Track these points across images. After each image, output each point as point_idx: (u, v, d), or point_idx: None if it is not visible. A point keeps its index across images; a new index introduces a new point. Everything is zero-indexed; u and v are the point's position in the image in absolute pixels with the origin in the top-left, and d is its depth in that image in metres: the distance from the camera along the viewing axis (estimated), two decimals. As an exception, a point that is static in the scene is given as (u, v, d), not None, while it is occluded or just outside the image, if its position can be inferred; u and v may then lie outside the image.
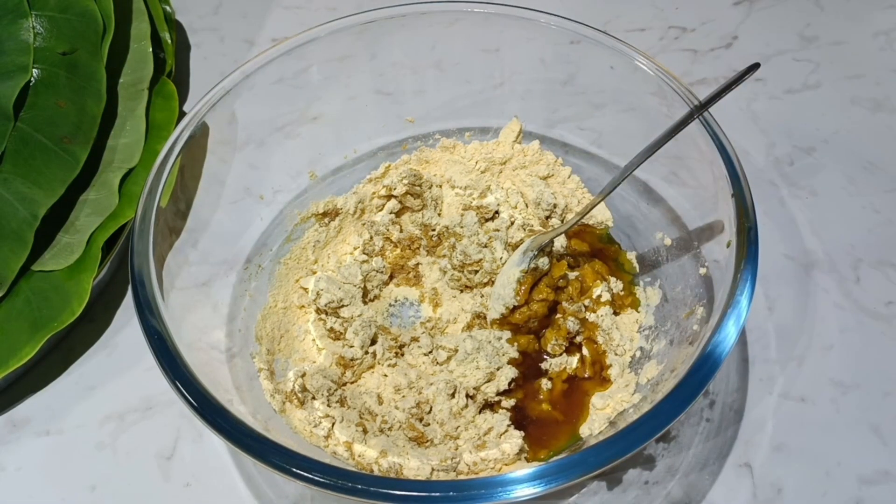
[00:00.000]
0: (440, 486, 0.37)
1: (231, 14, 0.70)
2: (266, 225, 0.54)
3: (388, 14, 0.53)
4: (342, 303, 0.50)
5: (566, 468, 0.36)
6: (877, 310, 0.52)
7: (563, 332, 0.49)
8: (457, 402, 0.47)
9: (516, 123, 0.57)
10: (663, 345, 0.47)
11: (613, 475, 0.46)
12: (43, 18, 0.53)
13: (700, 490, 0.46)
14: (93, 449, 0.49)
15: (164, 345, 0.41)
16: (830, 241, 0.55)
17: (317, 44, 0.53)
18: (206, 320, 0.48)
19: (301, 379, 0.47)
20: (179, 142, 0.48)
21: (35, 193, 0.49)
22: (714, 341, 0.39)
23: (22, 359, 0.48)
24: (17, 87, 0.50)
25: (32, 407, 0.50)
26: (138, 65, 0.57)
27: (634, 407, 0.44)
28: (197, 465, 0.48)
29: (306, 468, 0.37)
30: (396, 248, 0.54)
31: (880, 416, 0.48)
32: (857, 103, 0.63)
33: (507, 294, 0.49)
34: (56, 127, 0.51)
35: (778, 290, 0.53)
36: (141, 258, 0.44)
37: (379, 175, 0.56)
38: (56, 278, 0.50)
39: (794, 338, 0.51)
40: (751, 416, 0.48)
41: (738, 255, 0.42)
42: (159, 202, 0.46)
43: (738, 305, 0.40)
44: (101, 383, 0.51)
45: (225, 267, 0.51)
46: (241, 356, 0.48)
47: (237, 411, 0.40)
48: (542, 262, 0.49)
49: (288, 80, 0.54)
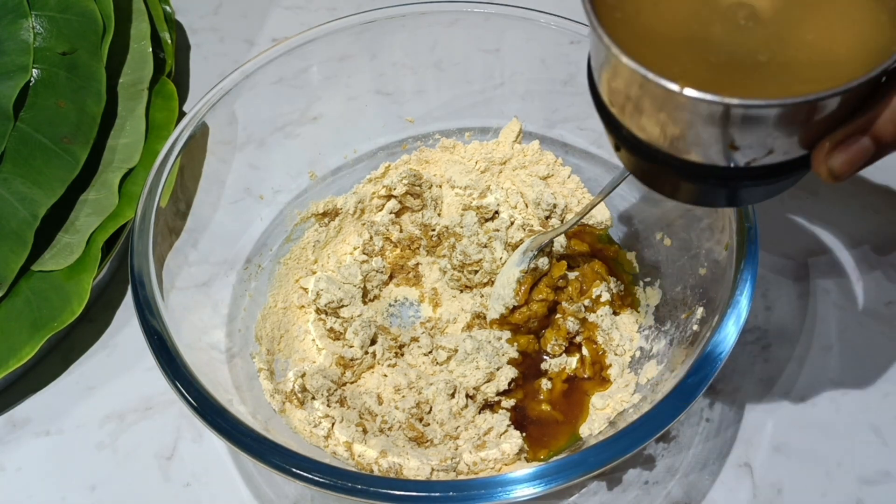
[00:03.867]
0: (440, 486, 0.37)
1: (231, 14, 0.70)
2: (266, 225, 0.54)
3: (388, 14, 0.53)
4: (342, 303, 0.50)
5: (566, 468, 0.36)
6: (877, 310, 0.52)
7: (562, 332, 0.49)
8: (457, 403, 0.47)
9: (516, 123, 0.57)
10: (663, 345, 0.47)
11: (613, 475, 0.46)
12: (43, 18, 0.53)
13: (700, 490, 0.46)
14: (93, 449, 0.49)
15: (163, 345, 0.41)
16: (830, 241, 0.55)
17: (317, 44, 0.53)
18: (205, 320, 0.48)
19: (301, 379, 0.47)
20: (179, 142, 0.48)
21: (35, 193, 0.49)
22: (714, 341, 0.39)
23: (22, 359, 0.48)
24: (17, 87, 0.50)
25: (32, 407, 0.50)
26: (138, 65, 0.57)
27: (634, 407, 0.44)
28: (197, 465, 0.48)
29: (306, 468, 0.37)
30: (396, 248, 0.54)
31: (881, 417, 0.48)
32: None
33: (507, 294, 0.49)
34: (56, 127, 0.51)
35: (778, 290, 0.53)
36: (141, 258, 0.44)
37: (379, 175, 0.56)
38: (56, 278, 0.50)
39: (793, 338, 0.51)
40: (751, 417, 0.48)
41: (738, 255, 0.42)
42: (159, 202, 0.46)
43: (737, 305, 0.40)
44: (101, 383, 0.51)
45: (225, 267, 0.51)
46: (240, 356, 0.48)
47: (237, 411, 0.40)
48: (542, 263, 0.49)
49: (288, 80, 0.54)
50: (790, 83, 0.29)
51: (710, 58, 0.30)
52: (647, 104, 0.30)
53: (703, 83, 0.28)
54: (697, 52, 0.30)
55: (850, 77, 0.28)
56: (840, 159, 0.30)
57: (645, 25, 0.31)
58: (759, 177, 0.31)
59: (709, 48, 0.30)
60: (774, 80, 0.29)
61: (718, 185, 0.32)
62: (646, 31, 0.31)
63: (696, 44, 0.30)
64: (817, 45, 0.30)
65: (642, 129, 0.32)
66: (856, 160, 0.30)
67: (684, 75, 0.29)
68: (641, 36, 0.31)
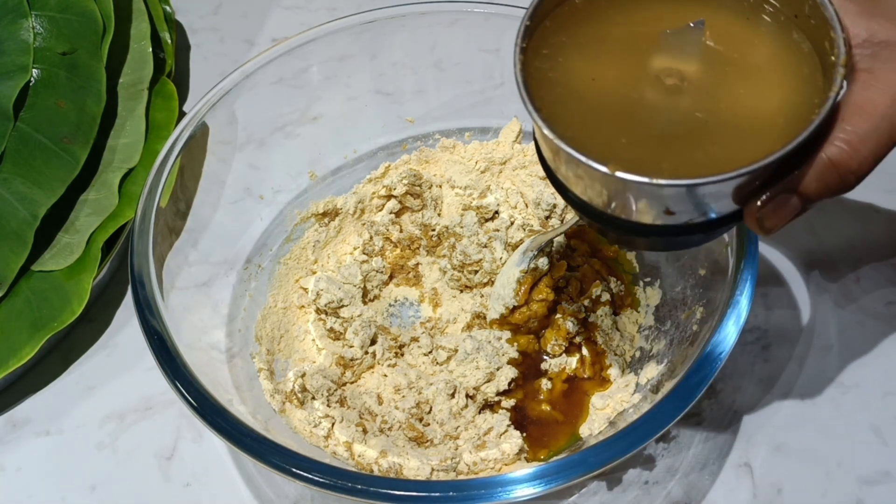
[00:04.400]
0: (440, 486, 0.37)
1: (231, 14, 0.70)
2: (266, 225, 0.54)
3: (389, 14, 0.53)
4: (342, 303, 0.50)
5: (566, 468, 0.36)
6: (877, 309, 0.52)
7: (562, 333, 0.49)
8: (456, 403, 0.47)
9: (516, 123, 0.57)
10: (663, 345, 0.47)
11: (613, 475, 0.46)
12: (43, 18, 0.53)
13: (700, 490, 0.46)
14: (93, 449, 0.49)
15: (163, 345, 0.41)
16: (830, 241, 0.55)
17: (317, 44, 0.53)
18: (205, 320, 0.48)
19: (301, 379, 0.47)
20: (179, 142, 0.48)
21: (35, 193, 0.49)
22: (714, 341, 0.39)
23: (22, 359, 0.48)
24: (18, 87, 0.50)
25: (32, 407, 0.50)
26: (138, 65, 0.57)
27: (634, 407, 0.44)
28: (197, 465, 0.48)
29: (306, 468, 0.37)
30: (396, 248, 0.54)
31: (881, 417, 0.48)
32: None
33: (507, 294, 0.49)
34: (56, 127, 0.51)
35: (778, 290, 0.53)
36: (141, 258, 0.44)
37: (379, 175, 0.56)
38: (56, 278, 0.50)
39: (793, 338, 0.51)
40: (751, 416, 0.48)
41: (738, 255, 0.42)
42: (159, 202, 0.46)
43: (737, 305, 0.40)
44: (101, 383, 0.51)
45: (225, 267, 0.51)
46: (240, 356, 0.48)
47: (237, 411, 0.40)
48: (542, 263, 0.49)
49: (288, 80, 0.54)
50: (722, 151, 0.31)
51: (644, 129, 0.32)
52: (585, 178, 0.32)
53: (637, 159, 0.30)
54: (633, 123, 0.32)
55: (778, 142, 0.29)
56: (770, 217, 0.32)
57: (583, 101, 0.33)
58: (697, 230, 0.33)
59: (643, 118, 0.32)
60: (706, 148, 0.31)
61: (660, 238, 0.34)
62: (583, 107, 0.32)
63: (632, 114, 0.32)
64: (745, 108, 0.32)
65: (585, 194, 0.34)
66: (785, 216, 0.32)
67: (617, 155, 0.31)
68: (579, 112, 0.32)
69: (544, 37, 0.34)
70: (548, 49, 0.33)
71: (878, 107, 0.31)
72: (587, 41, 0.34)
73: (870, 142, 0.31)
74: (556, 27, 0.34)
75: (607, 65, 0.33)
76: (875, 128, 0.31)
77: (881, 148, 0.31)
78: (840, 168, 0.31)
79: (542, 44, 0.33)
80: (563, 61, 0.33)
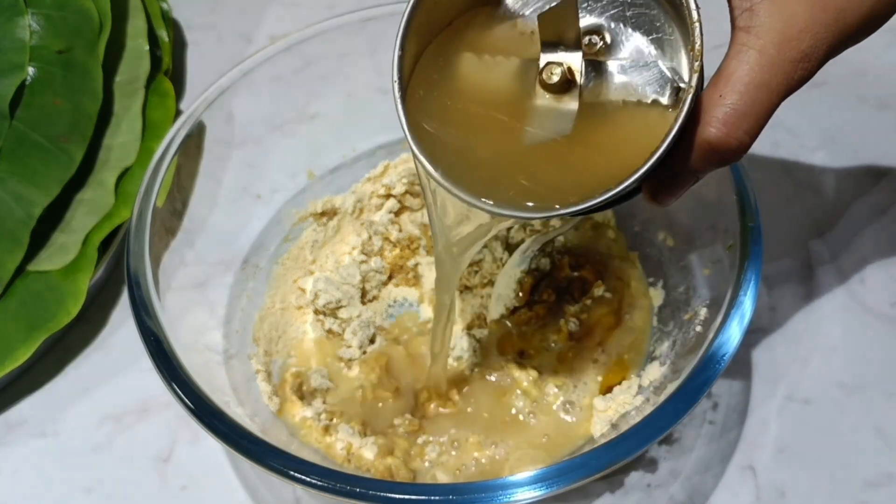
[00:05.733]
0: (439, 489, 0.37)
1: (228, 11, 0.69)
2: (264, 225, 0.53)
3: (388, 11, 0.53)
4: (340, 303, 0.50)
5: (567, 471, 0.36)
6: (882, 310, 0.51)
7: (563, 333, 0.49)
8: (457, 404, 0.46)
9: (517, 122, 0.56)
10: (666, 346, 0.47)
11: (615, 478, 0.46)
12: (39, 16, 0.52)
13: (703, 493, 0.45)
14: (89, 451, 0.48)
15: (160, 346, 0.41)
16: (835, 241, 0.54)
17: (315, 41, 0.52)
18: (202, 321, 0.48)
19: (299, 380, 0.47)
20: (176, 140, 0.47)
21: (31, 193, 0.49)
22: (717, 343, 0.39)
23: (17, 360, 0.47)
24: (14, 86, 0.50)
25: (28, 409, 0.50)
26: (134, 63, 0.57)
27: (637, 409, 0.44)
28: (194, 467, 0.47)
29: (304, 471, 0.36)
30: (395, 248, 0.54)
31: (885, 419, 0.47)
32: (863, 101, 0.62)
33: (508, 295, 0.49)
34: (52, 126, 0.51)
35: (781, 291, 0.52)
36: (137, 258, 0.43)
37: (378, 174, 0.56)
38: (52, 279, 0.49)
39: (797, 339, 0.50)
40: (754, 419, 0.47)
41: (742, 256, 0.41)
42: (155, 202, 0.45)
43: (741, 306, 0.40)
44: (97, 385, 0.51)
45: (222, 267, 0.51)
46: (238, 357, 0.48)
47: (234, 413, 0.39)
48: (543, 263, 0.49)
49: (286, 78, 0.53)
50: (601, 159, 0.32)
51: (522, 176, 0.33)
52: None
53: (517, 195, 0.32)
54: (507, 166, 0.33)
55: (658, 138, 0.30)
56: (662, 194, 0.33)
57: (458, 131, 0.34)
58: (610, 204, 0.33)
59: (519, 162, 0.33)
60: (584, 162, 0.32)
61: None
62: (458, 146, 0.34)
63: (504, 157, 0.33)
64: (610, 145, 0.32)
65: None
66: (677, 192, 0.33)
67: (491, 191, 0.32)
68: (456, 149, 0.33)
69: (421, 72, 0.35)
70: (423, 89, 0.35)
71: (754, 75, 0.30)
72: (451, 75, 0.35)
73: (749, 118, 0.30)
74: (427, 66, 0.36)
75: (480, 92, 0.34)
76: (753, 101, 0.30)
77: (761, 120, 0.31)
78: (720, 149, 0.31)
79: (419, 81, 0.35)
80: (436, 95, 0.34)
